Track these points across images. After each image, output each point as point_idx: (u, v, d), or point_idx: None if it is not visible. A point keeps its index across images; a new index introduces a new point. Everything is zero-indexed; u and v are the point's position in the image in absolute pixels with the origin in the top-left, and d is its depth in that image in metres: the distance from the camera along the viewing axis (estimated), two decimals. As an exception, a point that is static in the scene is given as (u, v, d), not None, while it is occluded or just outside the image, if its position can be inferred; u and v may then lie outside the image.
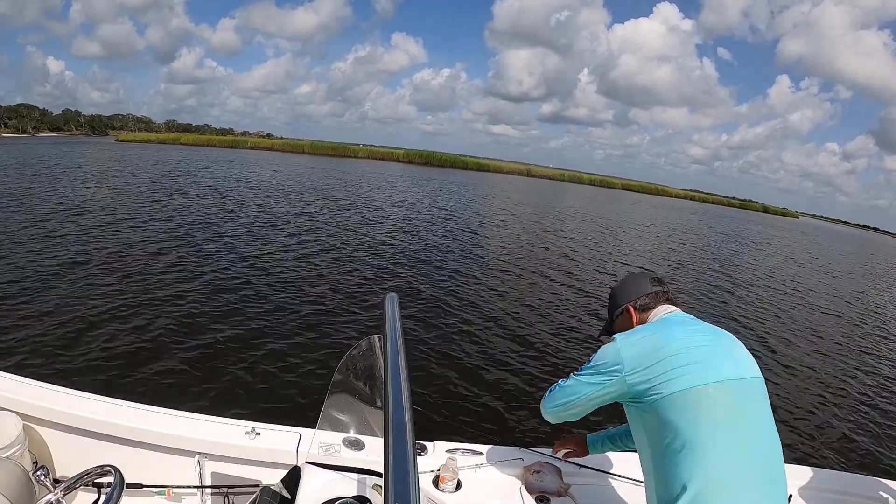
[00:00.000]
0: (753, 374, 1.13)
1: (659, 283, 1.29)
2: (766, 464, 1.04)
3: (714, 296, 9.51)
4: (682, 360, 1.07)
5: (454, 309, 6.32)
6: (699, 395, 1.03)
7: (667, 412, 1.05)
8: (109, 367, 3.88)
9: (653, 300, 1.26)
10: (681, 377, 1.05)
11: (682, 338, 1.12)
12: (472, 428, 3.61)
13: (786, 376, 5.79)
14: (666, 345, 1.10)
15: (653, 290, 1.26)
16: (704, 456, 1.00)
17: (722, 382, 1.05)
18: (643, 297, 1.26)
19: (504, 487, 1.50)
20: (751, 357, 1.17)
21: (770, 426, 1.09)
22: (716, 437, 1.01)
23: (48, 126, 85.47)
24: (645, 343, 1.12)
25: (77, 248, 7.27)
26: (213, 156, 38.10)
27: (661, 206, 48.07)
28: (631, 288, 1.30)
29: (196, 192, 14.91)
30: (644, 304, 1.26)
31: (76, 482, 1.16)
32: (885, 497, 1.68)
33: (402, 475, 0.56)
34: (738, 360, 1.14)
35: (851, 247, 42.39)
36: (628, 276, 1.36)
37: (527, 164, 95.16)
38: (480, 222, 15.78)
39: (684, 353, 1.08)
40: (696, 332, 1.15)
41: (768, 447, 1.06)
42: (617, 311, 1.30)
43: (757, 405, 1.10)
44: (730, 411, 1.04)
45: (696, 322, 1.21)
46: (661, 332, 1.14)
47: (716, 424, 1.02)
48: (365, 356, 1.38)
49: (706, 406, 1.03)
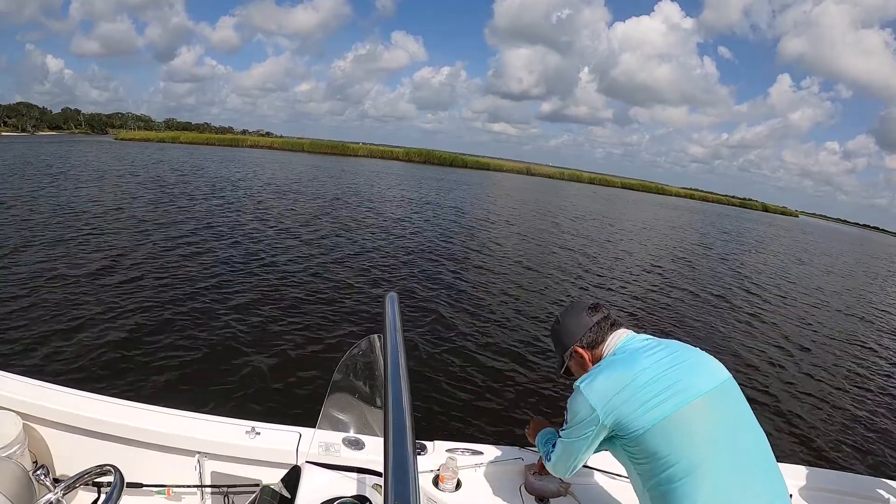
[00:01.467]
0: (723, 376, 1.11)
1: (596, 310, 1.23)
2: (762, 464, 1.03)
3: (720, 296, 9.51)
4: (655, 390, 1.04)
5: (455, 308, 6.32)
6: (682, 417, 1.02)
7: (653, 443, 1.03)
8: (109, 367, 3.88)
9: (598, 332, 1.19)
10: (659, 406, 1.03)
11: (649, 366, 1.08)
12: (472, 428, 3.61)
13: (789, 376, 5.79)
14: (634, 378, 1.07)
15: (594, 321, 1.20)
16: (705, 476, 0.98)
17: (700, 398, 1.04)
18: (587, 333, 1.20)
19: (504, 487, 1.50)
20: (714, 360, 1.15)
21: (753, 423, 1.08)
22: (710, 454, 1.00)
23: (47, 124, 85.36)
24: (610, 384, 1.08)
25: (77, 249, 7.27)
26: (213, 154, 38.07)
27: (661, 205, 48.07)
28: (572, 327, 1.22)
29: (195, 193, 14.90)
30: (591, 340, 1.20)
31: (76, 482, 1.16)
32: (885, 497, 1.68)
33: (402, 475, 0.56)
34: (706, 369, 1.11)
35: (854, 246, 42.41)
36: (564, 314, 1.27)
37: (526, 163, 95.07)
38: (481, 221, 15.77)
39: (655, 381, 1.05)
40: (659, 356, 1.11)
41: (758, 446, 1.06)
42: (566, 355, 1.24)
43: (737, 406, 1.09)
44: (715, 422, 1.03)
45: (653, 343, 1.16)
46: (623, 367, 1.11)
47: (706, 441, 1.01)
48: (365, 356, 1.38)
49: (692, 426, 1.02)
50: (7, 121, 79.69)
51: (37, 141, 45.19)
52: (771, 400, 4.95)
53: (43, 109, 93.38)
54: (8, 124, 77.88)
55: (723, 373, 1.11)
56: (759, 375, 5.59)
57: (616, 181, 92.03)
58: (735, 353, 6.23)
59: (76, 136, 73.66)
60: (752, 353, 6.37)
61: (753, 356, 6.24)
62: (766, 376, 5.60)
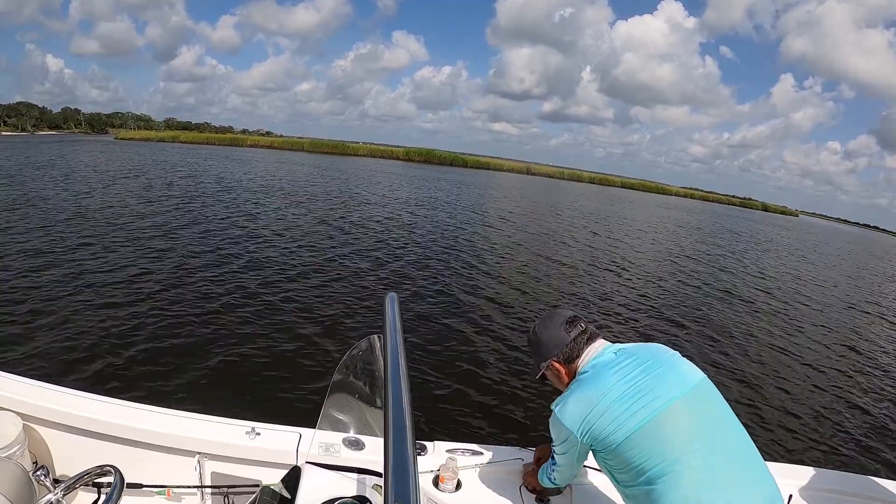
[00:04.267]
0: (697, 378, 1.11)
1: (573, 324, 1.23)
2: (744, 463, 1.03)
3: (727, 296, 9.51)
4: (625, 404, 1.06)
5: (455, 309, 6.32)
6: (654, 425, 1.03)
7: (628, 454, 1.05)
8: (109, 367, 3.88)
9: (574, 348, 1.21)
10: (630, 419, 1.05)
11: (617, 383, 1.10)
12: (472, 428, 3.61)
13: (791, 375, 5.79)
14: (603, 396, 1.09)
15: (570, 337, 1.21)
16: (680, 475, 0.99)
17: (673, 402, 1.04)
18: (564, 348, 1.21)
19: (504, 487, 1.50)
20: (688, 362, 1.15)
21: (734, 423, 1.08)
22: (685, 454, 1.00)
23: (47, 124, 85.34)
24: (581, 406, 1.12)
25: (77, 249, 7.27)
26: (213, 154, 38.07)
27: (664, 205, 48.01)
28: (549, 341, 1.24)
29: (195, 193, 14.90)
30: (567, 355, 1.21)
31: (76, 482, 1.16)
32: (885, 497, 1.68)
33: (402, 475, 0.56)
34: (679, 372, 1.12)
35: (855, 246, 42.37)
36: (541, 327, 1.28)
37: (527, 163, 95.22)
38: (481, 221, 15.77)
39: (624, 396, 1.07)
40: (628, 370, 1.12)
41: (740, 445, 1.05)
42: (543, 366, 1.26)
43: (713, 407, 1.09)
44: (692, 425, 1.04)
45: (623, 356, 1.16)
46: (591, 387, 1.13)
47: (682, 443, 1.01)
48: (365, 356, 1.38)
49: (665, 431, 1.03)
50: (7, 120, 79.67)
51: (37, 141, 45.18)
52: (773, 399, 4.95)
53: (43, 109, 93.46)
54: (8, 124, 77.86)
55: (696, 376, 1.12)
56: (761, 374, 5.59)
57: (616, 181, 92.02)
58: (740, 350, 6.23)
59: (76, 135, 73.67)
60: (759, 354, 6.37)
61: (757, 356, 6.23)
62: (768, 375, 5.60)
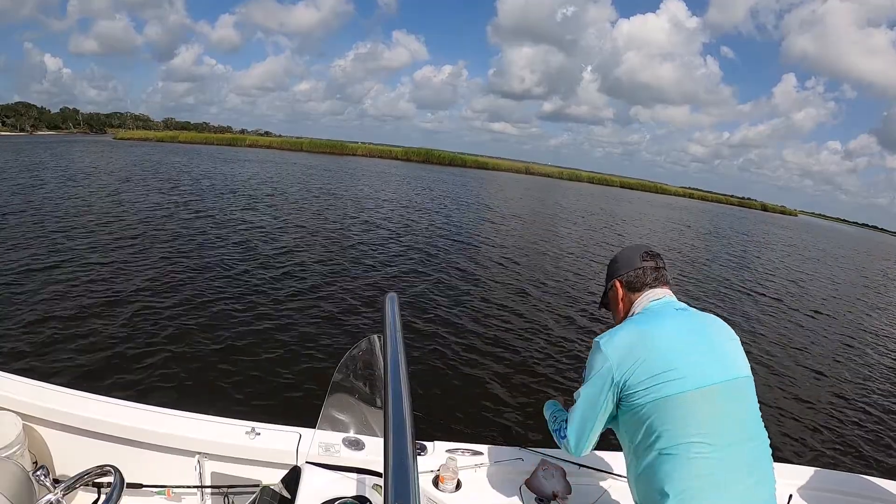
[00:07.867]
0: (741, 373, 1.08)
1: (651, 257, 1.21)
2: (750, 466, 1.02)
3: (726, 295, 9.52)
4: (666, 364, 1.03)
5: (455, 308, 6.32)
6: (684, 400, 1.01)
7: (650, 417, 1.03)
8: (109, 367, 3.88)
9: (640, 277, 1.19)
10: (666, 383, 1.01)
11: (667, 335, 1.07)
12: (472, 428, 3.61)
13: (791, 375, 5.80)
14: (651, 339, 1.06)
15: (642, 265, 1.19)
16: (685, 462, 0.98)
17: (708, 387, 1.02)
18: (631, 272, 1.20)
19: (504, 487, 1.50)
20: (740, 351, 1.11)
21: (756, 426, 1.06)
22: (699, 443, 0.99)
23: (46, 124, 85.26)
24: (627, 339, 1.08)
25: (77, 249, 7.26)
26: (212, 154, 38.04)
27: (663, 205, 47.96)
28: (622, 261, 1.24)
29: (194, 193, 14.90)
30: (631, 279, 1.20)
31: (76, 482, 1.16)
32: (885, 497, 1.68)
33: (402, 475, 0.56)
34: (727, 359, 1.08)
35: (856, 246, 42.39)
36: (624, 249, 1.28)
37: (526, 162, 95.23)
38: (480, 221, 15.76)
39: (669, 353, 1.04)
40: (682, 328, 1.09)
41: (753, 448, 1.04)
42: (608, 285, 1.26)
43: (744, 406, 1.06)
44: (715, 415, 1.02)
45: (683, 314, 1.13)
46: (643, 325, 1.10)
47: (699, 430, 1.00)
48: (365, 356, 1.38)
49: (690, 412, 1.01)
50: (5, 120, 79.58)
51: (35, 141, 45.12)
52: (774, 398, 4.95)
53: (41, 109, 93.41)
54: (6, 124, 77.78)
55: (742, 369, 1.08)
56: (762, 374, 5.60)
57: (615, 180, 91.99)
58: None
59: (75, 135, 73.62)
60: (761, 354, 6.37)
61: (759, 357, 6.24)
62: (775, 373, 5.60)
